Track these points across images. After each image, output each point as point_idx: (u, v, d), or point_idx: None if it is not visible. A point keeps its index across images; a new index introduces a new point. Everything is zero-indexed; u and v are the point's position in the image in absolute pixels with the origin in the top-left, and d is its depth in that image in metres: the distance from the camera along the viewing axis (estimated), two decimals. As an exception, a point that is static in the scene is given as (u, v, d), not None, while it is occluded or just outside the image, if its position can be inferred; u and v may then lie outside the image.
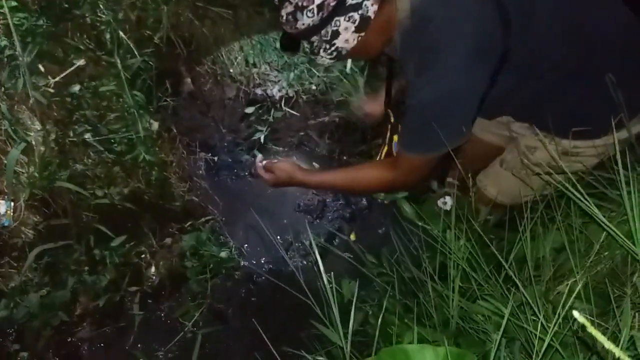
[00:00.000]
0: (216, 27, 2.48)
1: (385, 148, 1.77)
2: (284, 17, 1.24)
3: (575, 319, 1.17)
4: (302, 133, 3.02)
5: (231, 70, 2.66)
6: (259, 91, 2.94)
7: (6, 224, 1.97)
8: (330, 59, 1.31)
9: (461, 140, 1.33)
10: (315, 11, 1.19)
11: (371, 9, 1.22)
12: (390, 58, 1.55)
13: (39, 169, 1.93)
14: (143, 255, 2.30)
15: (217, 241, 2.43)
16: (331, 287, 1.09)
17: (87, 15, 1.91)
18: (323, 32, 1.24)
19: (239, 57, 2.62)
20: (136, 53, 2.00)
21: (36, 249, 1.96)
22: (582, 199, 1.12)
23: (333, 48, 1.27)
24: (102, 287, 2.12)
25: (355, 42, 1.27)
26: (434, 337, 1.30)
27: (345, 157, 2.99)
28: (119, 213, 2.20)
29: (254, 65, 2.70)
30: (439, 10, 1.20)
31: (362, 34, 1.25)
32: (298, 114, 2.99)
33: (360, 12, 1.21)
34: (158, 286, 2.28)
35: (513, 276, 1.08)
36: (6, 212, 1.96)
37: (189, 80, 2.55)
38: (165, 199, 2.34)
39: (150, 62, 2.10)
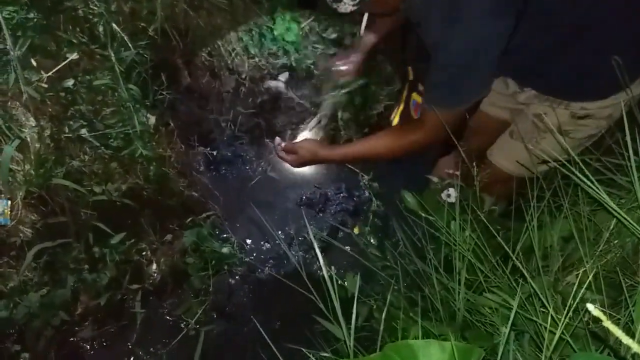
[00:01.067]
0: (212, 17, 2.44)
1: (402, 106, 1.82)
2: None
3: (586, 310, 1.14)
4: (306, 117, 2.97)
5: (229, 62, 2.62)
6: (262, 83, 2.90)
7: (3, 223, 1.96)
8: (354, 4, 1.29)
9: (485, 92, 1.39)
10: None
11: None
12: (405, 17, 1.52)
13: (34, 166, 1.91)
14: (144, 253, 2.28)
15: (219, 237, 2.41)
16: (332, 282, 1.06)
17: (79, 7, 1.89)
18: None
19: (237, 48, 2.59)
20: (130, 46, 1.97)
21: (35, 247, 1.94)
22: (591, 185, 1.09)
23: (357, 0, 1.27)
24: (103, 285, 2.10)
25: None
26: (440, 331, 1.28)
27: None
28: (118, 210, 2.18)
29: (253, 56, 2.67)
30: None
31: None
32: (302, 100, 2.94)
33: None
34: (159, 283, 2.26)
35: (520, 267, 1.05)
36: (3, 211, 1.94)
37: (185, 72, 2.52)
38: (165, 195, 2.32)
39: (145, 55, 2.07)
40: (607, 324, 0.36)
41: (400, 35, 1.79)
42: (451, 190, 1.67)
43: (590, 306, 0.37)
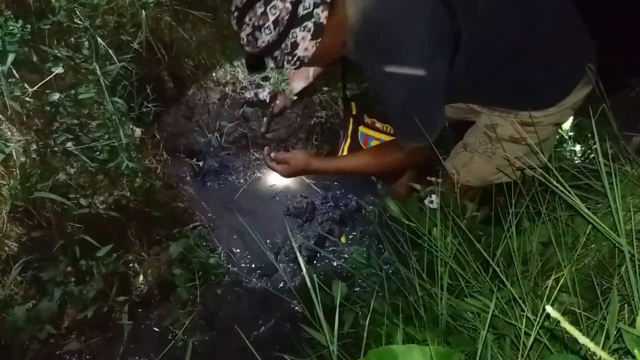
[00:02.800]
0: (197, 30, 2.46)
1: (349, 140, 1.92)
2: (244, 39, 1.31)
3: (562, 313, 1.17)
4: (291, 133, 3.01)
5: (214, 74, 2.64)
6: (247, 94, 2.93)
7: (-12, 238, 1.94)
8: (295, 68, 1.39)
9: (440, 124, 1.48)
10: (272, 27, 1.27)
11: (322, 15, 1.29)
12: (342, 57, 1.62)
13: (20, 180, 1.90)
14: (130, 264, 2.27)
15: (206, 247, 2.41)
16: (315, 290, 1.08)
17: (64, 21, 1.89)
18: (283, 45, 1.31)
19: (222, 61, 2.60)
20: (115, 59, 1.97)
21: (20, 261, 1.93)
22: (565, 192, 1.11)
23: (295, 58, 1.35)
24: (90, 297, 2.09)
25: (314, 48, 1.34)
26: (423, 337, 1.29)
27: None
28: (104, 222, 2.18)
29: (237, 67, 2.69)
30: (389, 13, 1.31)
31: (319, 40, 1.33)
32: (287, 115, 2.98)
33: (313, 20, 1.29)
34: (147, 295, 2.25)
35: (499, 272, 1.07)
36: (-12, 225, 1.93)
37: (171, 85, 2.53)
38: (151, 207, 2.31)
39: (130, 68, 2.08)
40: (565, 324, 0.38)
41: (340, 71, 1.86)
42: (433, 197, 1.69)
43: (549, 309, 0.39)
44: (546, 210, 1.39)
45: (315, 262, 2.49)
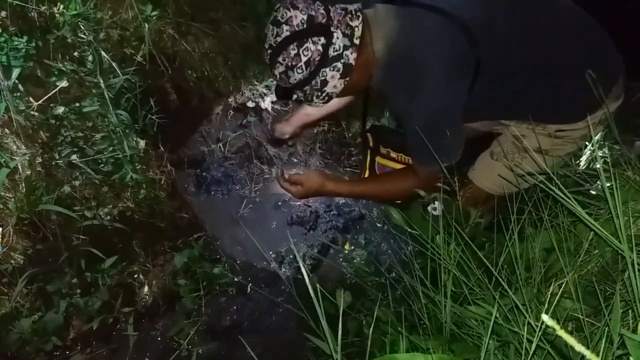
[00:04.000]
0: (199, 42, 2.48)
1: (367, 173, 1.97)
2: (277, 76, 1.41)
3: (565, 320, 1.17)
4: (291, 145, 3.02)
5: (216, 85, 2.66)
6: (250, 104, 2.95)
7: (-6, 251, 1.96)
8: (323, 103, 1.49)
9: (459, 149, 1.53)
10: (304, 67, 1.36)
11: (351, 56, 1.38)
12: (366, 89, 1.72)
13: (25, 193, 1.92)
14: (135, 275, 2.28)
15: (210, 257, 2.41)
16: (318, 299, 1.08)
17: (68, 36, 1.91)
18: (313, 82, 1.40)
19: (224, 72, 2.62)
20: (119, 72, 1.99)
21: (26, 273, 1.94)
22: (566, 199, 1.12)
23: (324, 94, 1.44)
24: (95, 309, 2.10)
25: (342, 86, 1.43)
26: (427, 345, 1.29)
27: (340, 169, 3.00)
28: (109, 234, 2.19)
29: (240, 78, 2.71)
30: (413, 45, 1.39)
31: (347, 78, 1.41)
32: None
33: (342, 60, 1.37)
34: (152, 306, 2.26)
35: (501, 280, 1.07)
36: (-6, 238, 1.95)
37: (174, 96, 2.55)
38: (156, 218, 2.32)
39: (134, 81, 2.09)
40: (561, 332, 0.39)
41: (362, 105, 1.92)
42: (437, 204, 1.69)
43: (545, 317, 0.40)
44: (549, 217, 1.39)
45: (319, 270, 2.49)
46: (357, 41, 1.37)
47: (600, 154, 1.13)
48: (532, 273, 1.34)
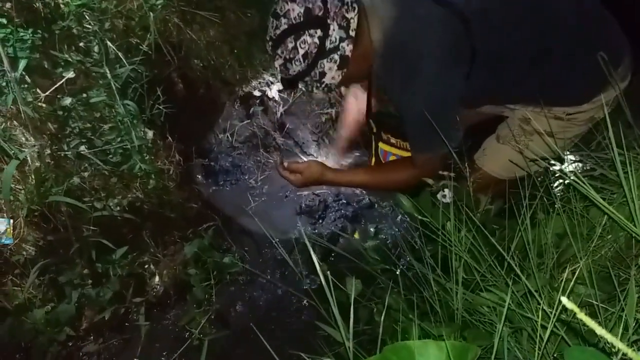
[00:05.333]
0: (205, 31, 2.47)
1: (374, 159, 1.98)
2: (278, 68, 1.46)
3: (580, 305, 1.16)
4: (300, 132, 3.01)
5: (223, 74, 2.65)
6: (256, 92, 2.94)
7: (7, 242, 1.97)
8: (324, 92, 1.58)
9: (457, 133, 1.53)
10: (302, 60, 1.40)
11: (347, 48, 1.42)
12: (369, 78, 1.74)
13: (35, 185, 1.92)
14: (146, 266, 2.29)
15: (220, 247, 2.42)
16: (329, 287, 1.08)
17: (73, 26, 1.91)
18: (312, 73, 1.44)
19: (230, 60, 2.61)
20: (125, 62, 1.99)
21: (38, 265, 1.95)
22: (580, 183, 1.10)
23: (323, 85, 1.48)
24: (107, 299, 2.11)
25: (340, 77, 1.47)
26: (439, 332, 1.29)
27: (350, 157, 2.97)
28: (119, 224, 2.20)
29: (246, 67, 2.69)
30: (408, 33, 1.43)
31: (345, 69, 1.45)
32: (295, 113, 3.00)
33: (339, 52, 1.41)
34: (163, 295, 2.27)
35: (514, 266, 1.06)
36: (6, 230, 1.96)
37: (181, 86, 2.54)
38: (165, 208, 2.33)
39: (140, 70, 2.09)
40: (582, 316, 0.38)
41: (367, 94, 1.93)
42: (446, 191, 1.68)
43: (564, 300, 0.39)
44: (561, 202, 1.38)
45: (329, 259, 2.49)
46: (352, 33, 1.41)
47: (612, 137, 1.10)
48: (545, 259, 1.33)
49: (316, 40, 1.38)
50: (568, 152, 1.68)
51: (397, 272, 1.62)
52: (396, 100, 1.55)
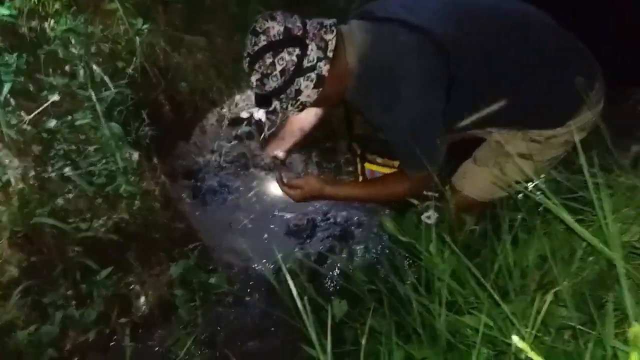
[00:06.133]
0: (192, 54, 2.46)
1: (360, 179, 1.98)
2: (254, 83, 1.45)
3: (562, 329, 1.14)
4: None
5: (210, 96, 2.64)
6: (244, 114, 2.93)
7: (-12, 264, 1.93)
8: (298, 111, 1.53)
9: (442, 150, 1.55)
10: (279, 76, 1.40)
11: (324, 68, 1.42)
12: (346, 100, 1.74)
13: (19, 206, 1.89)
14: (132, 286, 2.25)
15: (206, 267, 2.38)
16: (305, 310, 1.06)
17: (59, 50, 1.89)
18: (288, 91, 1.44)
19: (218, 83, 2.60)
20: (110, 85, 1.97)
21: (20, 286, 1.91)
22: (549, 202, 1.10)
23: (298, 103, 1.48)
24: (91, 320, 2.06)
25: (316, 95, 1.47)
26: (422, 354, 1.26)
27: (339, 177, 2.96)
28: (105, 245, 2.15)
29: (234, 89, 2.69)
30: (385, 57, 1.45)
31: (320, 89, 1.45)
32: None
33: (316, 71, 1.42)
34: (148, 316, 2.22)
35: (491, 292, 1.04)
36: (-12, 252, 1.92)
37: (168, 108, 2.52)
38: (151, 228, 2.29)
39: (125, 93, 2.07)
40: (532, 355, 0.36)
41: (345, 115, 1.95)
42: (431, 212, 1.67)
43: (515, 338, 0.37)
44: (542, 223, 1.37)
45: (316, 279, 2.46)
46: (330, 54, 1.42)
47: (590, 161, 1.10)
48: (527, 281, 1.31)
49: (294, 57, 1.39)
50: (544, 175, 1.68)
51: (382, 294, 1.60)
52: (377, 122, 1.56)
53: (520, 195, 1.54)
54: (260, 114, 2.78)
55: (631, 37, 2.50)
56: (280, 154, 2.08)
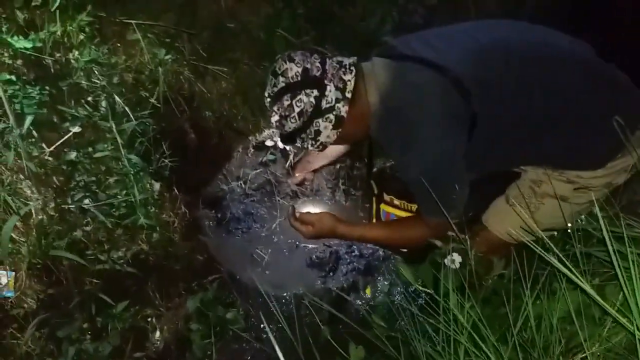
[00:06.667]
0: (217, 83, 2.48)
1: (374, 221, 1.96)
2: (274, 124, 1.48)
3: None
4: (312, 183, 2.97)
5: (235, 125, 2.64)
6: (269, 142, 2.92)
7: (8, 295, 1.95)
8: (318, 150, 1.55)
9: (463, 195, 1.51)
10: (297, 117, 1.43)
11: (343, 109, 1.44)
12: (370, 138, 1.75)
13: (37, 238, 1.91)
14: (149, 319, 2.24)
15: (224, 301, 2.35)
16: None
17: (81, 82, 1.92)
18: (307, 131, 1.46)
19: (243, 110, 2.61)
20: (132, 116, 1.99)
21: (36, 320, 1.92)
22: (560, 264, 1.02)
23: (318, 143, 1.50)
24: (106, 355, 2.06)
25: (335, 136, 1.49)
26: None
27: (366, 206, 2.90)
28: (123, 277, 2.16)
29: (260, 117, 2.68)
30: (404, 98, 1.45)
31: (340, 129, 1.47)
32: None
33: (334, 112, 1.43)
34: (163, 351, 2.20)
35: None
36: (8, 282, 1.95)
37: (193, 136, 2.54)
38: (170, 260, 2.29)
39: (148, 123, 2.09)
40: None
41: (367, 153, 1.96)
42: (455, 255, 1.59)
43: None
44: (575, 275, 1.28)
45: (334, 320, 2.39)
46: (349, 95, 1.43)
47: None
48: (552, 340, 1.22)
49: (312, 99, 1.40)
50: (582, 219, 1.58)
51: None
52: (396, 164, 1.58)
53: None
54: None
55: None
56: (306, 175, 2.10)
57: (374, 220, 1.97)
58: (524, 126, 1.46)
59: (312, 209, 2.65)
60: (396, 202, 1.89)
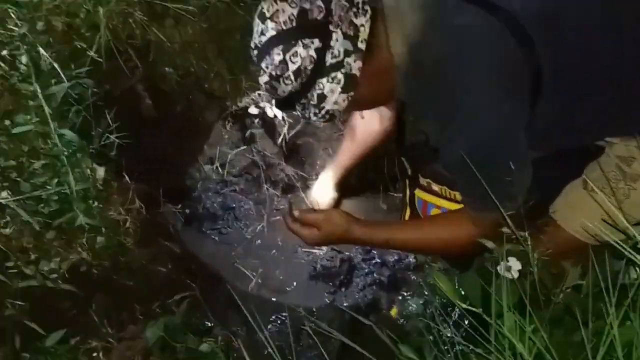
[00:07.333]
0: (181, 27, 2.48)
1: (408, 210, 1.99)
2: (263, 86, 1.49)
3: None
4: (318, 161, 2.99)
5: (207, 85, 2.65)
6: (254, 110, 2.93)
7: None
8: (325, 121, 1.56)
9: (522, 187, 1.51)
10: (293, 78, 1.40)
11: (354, 65, 1.42)
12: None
13: None
14: (94, 354, 2.26)
15: (197, 328, 2.38)
16: None
17: (-6, 29, 1.94)
18: (309, 95, 1.45)
19: (218, 66, 2.61)
20: (63, 76, 2.00)
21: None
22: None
23: (324, 111, 1.49)
24: (35, 403, 2.09)
25: (347, 102, 1.48)
26: None
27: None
28: (57, 297, 2.19)
29: (240, 75, 2.69)
30: (443, 48, 1.44)
31: (352, 93, 1.46)
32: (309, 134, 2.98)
33: (343, 70, 1.41)
34: (114, 397, 2.24)
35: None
36: None
37: (148, 102, 2.54)
38: (121, 274, 2.31)
39: (85, 85, 2.10)
40: None
41: (396, 121, 2.00)
42: (511, 261, 1.60)
43: None
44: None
45: (347, 350, 2.42)
46: (362, 45, 1.41)
47: None
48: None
49: (312, 52, 1.38)
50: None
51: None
52: (434, 139, 1.56)
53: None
54: (276, 109, 2.77)
55: None
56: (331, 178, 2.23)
57: (408, 211, 2.00)
58: (609, 87, 1.46)
59: (317, 202, 2.66)
60: (435, 187, 1.91)
